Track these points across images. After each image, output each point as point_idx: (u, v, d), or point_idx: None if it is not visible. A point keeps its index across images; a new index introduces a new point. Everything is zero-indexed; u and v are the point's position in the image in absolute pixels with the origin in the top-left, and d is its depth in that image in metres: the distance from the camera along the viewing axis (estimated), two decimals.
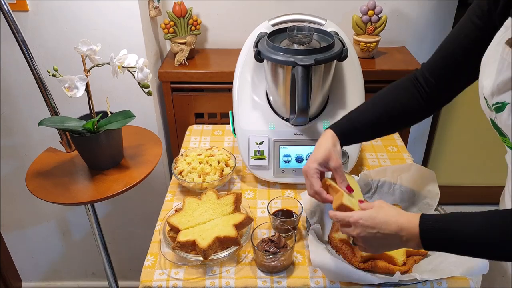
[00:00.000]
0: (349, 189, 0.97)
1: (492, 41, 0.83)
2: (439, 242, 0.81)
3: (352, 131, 1.05)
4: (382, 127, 1.07)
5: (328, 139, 1.02)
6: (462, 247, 0.80)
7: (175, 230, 1.06)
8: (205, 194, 1.16)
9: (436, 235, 0.80)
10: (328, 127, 1.06)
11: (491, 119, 0.86)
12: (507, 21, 0.80)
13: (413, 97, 1.02)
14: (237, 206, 1.12)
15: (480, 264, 0.92)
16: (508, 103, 0.78)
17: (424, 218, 0.81)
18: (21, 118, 1.67)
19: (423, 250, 0.97)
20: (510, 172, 1.00)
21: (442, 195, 1.15)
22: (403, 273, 0.96)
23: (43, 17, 1.46)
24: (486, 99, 0.84)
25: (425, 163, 2.28)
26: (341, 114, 1.30)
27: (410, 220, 0.82)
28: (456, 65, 0.94)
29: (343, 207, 0.92)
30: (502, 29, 0.81)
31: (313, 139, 1.29)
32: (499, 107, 0.81)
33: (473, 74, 0.91)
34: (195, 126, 1.63)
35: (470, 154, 2.24)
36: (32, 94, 1.57)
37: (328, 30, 1.28)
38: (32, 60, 1.24)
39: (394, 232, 0.82)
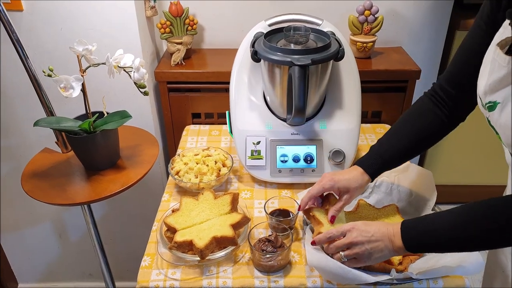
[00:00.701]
0: (332, 220, 1.03)
1: (492, 41, 0.84)
2: (419, 238, 0.87)
3: (382, 168, 1.07)
4: (411, 153, 1.08)
5: (358, 178, 1.05)
6: (441, 243, 0.86)
7: (172, 230, 1.06)
8: (202, 194, 1.16)
9: (415, 230, 0.88)
10: (358, 165, 1.07)
11: (486, 117, 0.87)
12: (505, 22, 0.81)
13: (436, 117, 1.03)
14: (234, 206, 1.12)
15: (475, 263, 0.93)
16: (499, 102, 0.80)
17: (404, 221, 0.90)
18: (16, 118, 1.66)
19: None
20: (510, 171, 1.01)
21: (439, 195, 1.16)
22: (399, 272, 0.96)
23: (38, 17, 1.45)
24: (480, 98, 0.86)
25: (421, 162, 2.28)
26: (338, 114, 1.31)
27: (394, 225, 0.90)
28: (475, 71, 0.93)
29: None
30: (500, 29, 0.82)
31: (310, 139, 1.29)
32: (491, 106, 0.82)
33: None
34: (192, 126, 1.63)
35: (467, 153, 2.25)
36: (28, 95, 1.56)
37: (325, 30, 1.28)
38: (27, 60, 1.23)
39: (386, 235, 0.90)
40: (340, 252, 0.94)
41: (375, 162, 1.06)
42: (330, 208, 1.05)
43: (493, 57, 0.80)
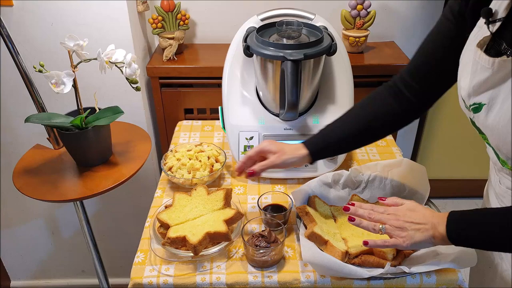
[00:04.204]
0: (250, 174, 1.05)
1: (468, 41, 0.85)
2: (463, 230, 0.83)
3: (324, 148, 1.07)
4: (358, 140, 1.08)
5: (296, 147, 1.06)
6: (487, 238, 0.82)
7: (165, 226, 1.06)
8: (195, 190, 1.15)
9: (461, 222, 0.84)
10: (303, 142, 1.07)
11: (470, 118, 0.88)
12: (479, 20, 0.81)
13: (390, 108, 1.02)
14: (228, 201, 1.12)
15: (468, 256, 0.93)
16: (484, 104, 0.80)
17: (452, 211, 0.85)
18: (7, 114, 1.65)
19: None
20: (491, 166, 1.02)
21: (431, 189, 1.16)
22: (393, 267, 0.97)
23: (28, 12, 1.44)
24: (463, 100, 0.86)
25: (414, 157, 2.29)
26: (330, 109, 1.31)
27: (440, 213, 0.87)
28: (439, 65, 0.94)
29: (313, 235, 0.99)
30: (475, 29, 0.83)
31: (303, 134, 1.29)
32: (476, 108, 0.82)
33: (455, 74, 0.92)
34: (184, 122, 1.63)
35: (459, 147, 2.26)
36: (18, 91, 1.55)
37: (317, 24, 1.28)
38: (18, 56, 1.22)
39: (430, 220, 0.86)
40: (380, 225, 0.89)
41: (318, 142, 1.06)
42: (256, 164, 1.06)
43: (474, 58, 0.79)
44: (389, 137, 1.52)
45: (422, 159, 2.29)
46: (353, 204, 0.95)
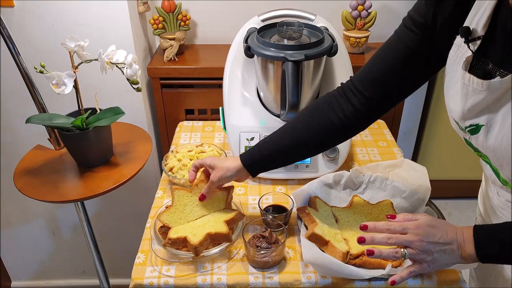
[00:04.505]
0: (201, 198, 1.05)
1: (448, 60, 0.82)
2: (493, 248, 0.79)
3: (259, 160, 1.01)
4: (297, 152, 1.01)
5: (230, 160, 1.03)
6: None
7: (166, 228, 1.06)
8: (197, 186, 1.14)
9: (490, 239, 0.79)
10: (240, 155, 1.03)
11: (465, 139, 0.86)
12: (457, 38, 0.79)
13: (329, 120, 0.95)
14: (229, 201, 1.12)
15: None
16: (482, 125, 0.78)
17: (476, 227, 0.81)
18: (8, 115, 1.65)
19: None
20: (487, 177, 1.00)
21: (432, 189, 1.16)
22: (394, 267, 0.97)
23: (30, 13, 1.44)
24: (457, 122, 0.84)
25: (415, 157, 2.29)
26: None
27: (464, 230, 0.81)
28: (396, 77, 0.90)
29: (314, 236, 0.99)
30: (454, 47, 0.80)
31: None
32: (474, 130, 0.80)
33: (412, 87, 0.90)
34: (185, 123, 1.63)
35: (459, 148, 2.25)
36: (19, 91, 1.55)
37: (318, 25, 1.28)
38: (19, 57, 1.22)
39: (455, 239, 0.80)
40: (402, 249, 0.82)
41: (253, 154, 1.02)
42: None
43: (463, 82, 0.77)
44: (390, 138, 1.52)
45: (423, 160, 2.29)
46: (366, 227, 0.87)
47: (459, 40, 0.78)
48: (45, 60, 1.24)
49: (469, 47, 0.76)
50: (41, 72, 1.12)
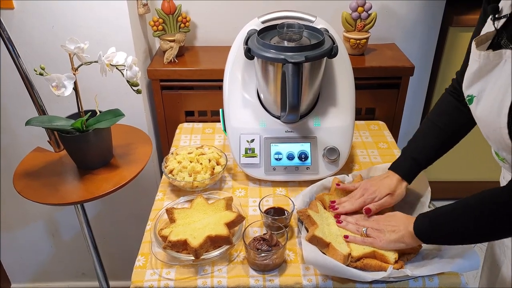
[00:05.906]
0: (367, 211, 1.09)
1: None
2: (424, 224, 0.93)
3: (416, 170, 1.11)
4: (443, 150, 1.11)
5: (392, 181, 1.10)
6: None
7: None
8: (195, 198, 1.13)
9: (424, 218, 0.94)
10: (391, 169, 1.13)
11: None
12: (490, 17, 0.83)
13: (460, 111, 1.04)
14: (229, 205, 1.12)
15: (471, 260, 0.93)
16: (474, 96, 0.82)
17: (420, 214, 0.96)
18: (8, 117, 1.65)
19: (415, 247, 0.99)
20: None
21: (433, 191, 1.16)
22: (395, 270, 0.96)
23: (29, 15, 1.44)
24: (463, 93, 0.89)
25: None
26: (332, 111, 1.31)
27: (412, 217, 0.97)
28: None
29: (315, 238, 0.99)
30: (486, 24, 0.84)
31: (304, 137, 1.29)
32: (469, 100, 0.85)
33: None
34: (185, 124, 1.62)
35: (459, 149, 2.24)
36: (19, 93, 1.54)
37: (318, 27, 1.28)
38: (19, 59, 1.22)
39: (405, 222, 0.97)
40: (363, 228, 1.03)
41: (408, 165, 1.11)
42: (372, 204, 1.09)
43: (471, 51, 0.82)
44: (391, 139, 1.52)
45: None
46: (340, 222, 1.08)
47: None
48: (45, 62, 1.23)
49: (494, 24, 0.79)
50: (41, 74, 1.12)
